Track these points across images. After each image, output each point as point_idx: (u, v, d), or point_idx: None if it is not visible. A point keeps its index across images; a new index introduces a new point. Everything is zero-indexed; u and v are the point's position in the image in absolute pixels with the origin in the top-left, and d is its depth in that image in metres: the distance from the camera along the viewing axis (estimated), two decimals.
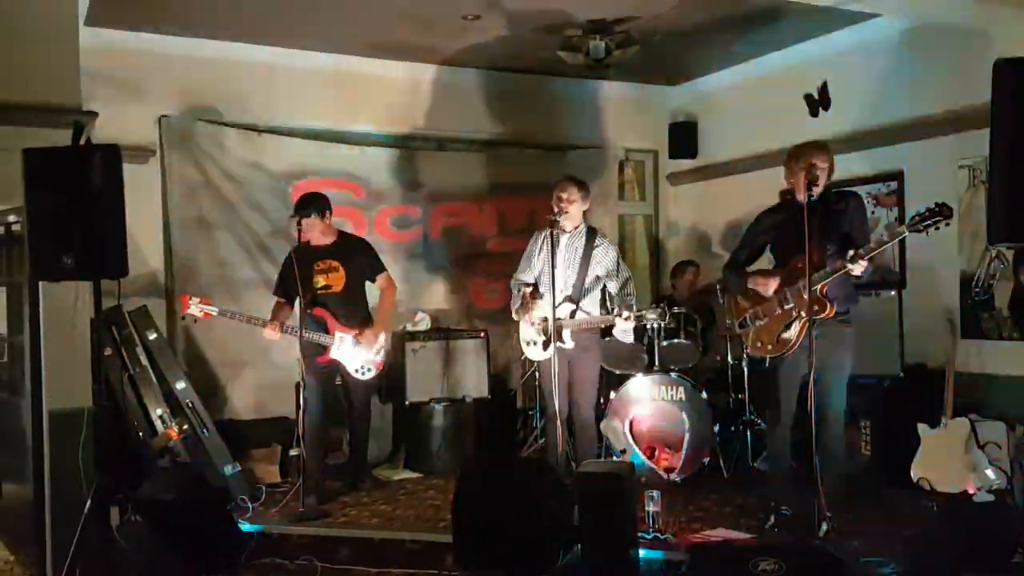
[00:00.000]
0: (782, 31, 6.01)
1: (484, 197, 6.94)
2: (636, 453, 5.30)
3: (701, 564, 3.84)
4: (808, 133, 6.08)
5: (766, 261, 4.58)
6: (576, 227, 4.98)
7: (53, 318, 4.36)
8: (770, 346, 4.30)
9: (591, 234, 5.01)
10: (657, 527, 4.27)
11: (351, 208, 6.36)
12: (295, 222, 4.94)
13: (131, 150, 5.44)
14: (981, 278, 5.22)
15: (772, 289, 4.29)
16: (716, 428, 5.34)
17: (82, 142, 3.58)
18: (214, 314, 5.06)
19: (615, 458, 5.25)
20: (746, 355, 5.51)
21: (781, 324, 4.25)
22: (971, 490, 4.47)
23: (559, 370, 4.67)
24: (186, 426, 5.10)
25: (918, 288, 5.51)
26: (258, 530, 4.58)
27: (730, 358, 5.84)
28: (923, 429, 4.83)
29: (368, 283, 5.33)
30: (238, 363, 6.02)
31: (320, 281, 5.14)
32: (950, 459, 4.65)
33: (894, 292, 5.37)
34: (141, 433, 5.04)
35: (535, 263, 5.05)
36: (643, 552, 3.99)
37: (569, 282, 4.93)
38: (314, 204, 5.07)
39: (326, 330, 5.11)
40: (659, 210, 7.76)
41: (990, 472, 4.59)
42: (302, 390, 5.03)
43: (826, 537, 3.93)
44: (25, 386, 4.57)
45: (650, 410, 5.36)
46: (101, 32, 5.46)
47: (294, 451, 5.56)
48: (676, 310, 5.76)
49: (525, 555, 3.74)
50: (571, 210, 4.89)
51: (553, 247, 4.71)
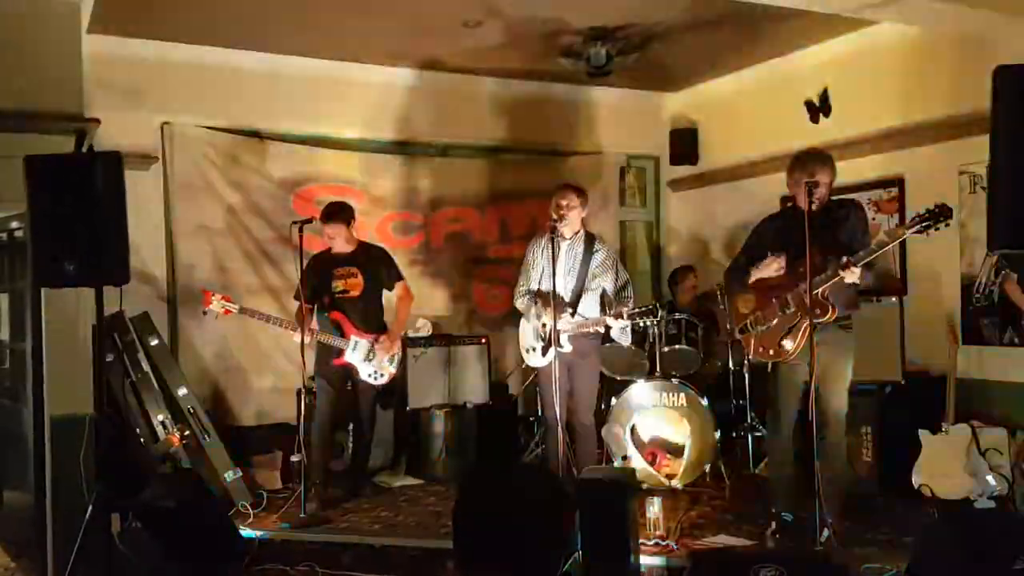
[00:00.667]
0: (782, 38, 6.02)
1: (485, 203, 6.96)
2: (637, 459, 5.29)
3: (702, 571, 3.82)
4: (808, 139, 6.11)
5: None
6: (576, 233, 4.99)
7: (55, 324, 4.38)
8: (771, 352, 4.30)
9: (590, 240, 5.02)
10: (658, 534, 4.27)
11: (353, 208, 6.36)
12: (296, 228, 4.95)
13: (133, 157, 5.49)
14: (982, 284, 5.22)
15: (775, 267, 4.22)
16: (717, 434, 5.33)
17: (84, 149, 3.59)
18: (235, 311, 5.13)
19: (616, 464, 5.24)
20: (747, 361, 5.51)
21: (783, 329, 4.24)
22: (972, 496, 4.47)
23: (558, 376, 4.68)
24: (187, 432, 5.11)
25: (919, 294, 5.51)
26: (259, 536, 4.58)
27: (731, 364, 5.84)
28: (924, 435, 4.82)
29: (385, 291, 5.44)
30: (239, 369, 6.05)
31: (339, 286, 5.25)
32: (951, 465, 4.65)
33: (895, 298, 5.37)
34: (143, 439, 5.05)
35: (532, 274, 5.06)
36: (644, 559, 3.99)
37: (568, 287, 4.94)
38: (341, 213, 5.25)
39: (342, 334, 5.18)
40: (660, 216, 7.78)
41: (991, 478, 4.58)
42: (304, 396, 5.04)
43: (827, 544, 3.93)
44: (27, 392, 4.58)
45: (651, 416, 5.36)
46: (104, 40, 5.47)
47: (295, 457, 5.57)
48: (677, 316, 5.77)
49: (526, 562, 3.74)
50: (570, 217, 4.89)
51: (554, 253, 4.72)
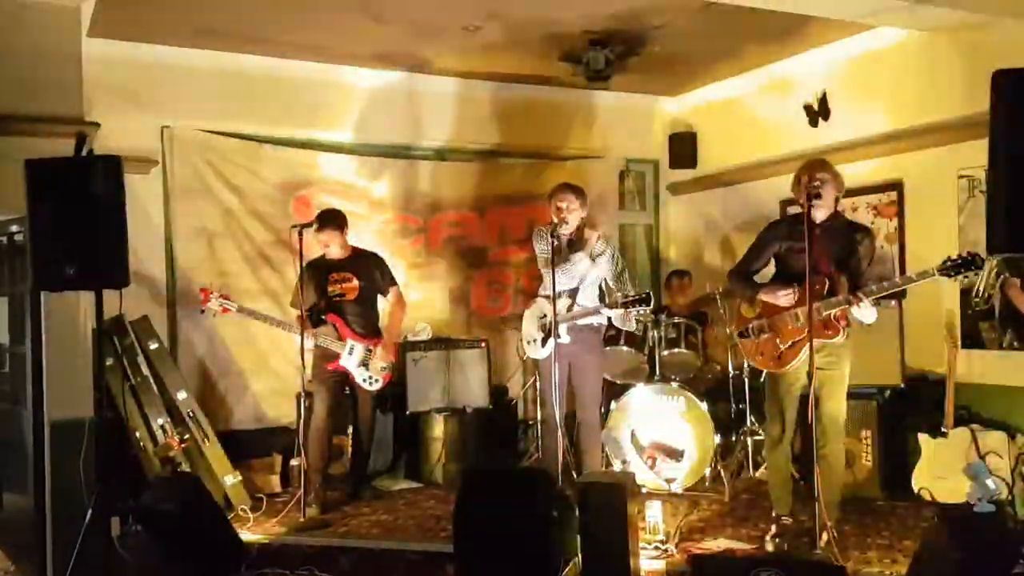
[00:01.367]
0: (781, 42, 6.02)
1: (485, 207, 6.96)
2: (637, 463, 5.29)
3: (702, 574, 3.83)
4: (807, 143, 6.14)
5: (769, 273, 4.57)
6: (576, 232, 4.99)
7: (55, 328, 4.37)
8: (771, 361, 4.29)
9: (589, 238, 5.02)
10: (658, 538, 4.27)
11: (352, 218, 6.36)
12: (295, 232, 4.97)
13: (133, 160, 5.47)
14: (981, 288, 5.22)
15: (784, 299, 4.21)
16: (717, 438, 5.33)
17: (84, 153, 3.58)
18: (233, 310, 5.15)
19: (616, 468, 5.24)
20: (747, 365, 5.51)
21: (787, 341, 4.22)
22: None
23: (559, 372, 4.68)
24: (187, 436, 5.11)
25: (918, 298, 5.51)
26: (259, 540, 4.58)
27: (731, 368, 5.84)
28: (924, 439, 4.83)
29: (380, 297, 5.47)
30: (239, 373, 6.04)
31: (335, 289, 5.28)
32: (951, 469, 4.65)
33: (895, 302, 5.37)
34: (142, 443, 5.05)
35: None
36: (644, 563, 3.98)
37: (569, 285, 4.95)
38: (334, 220, 5.28)
39: (338, 336, 5.20)
40: (659, 220, 7.78)
41: (991, 482, 4.58)
42: (303, 400, 5.05)
43: (827, 547, 3.92)
44: (27, 396, 4.57)
45: (651, 420, 5.36)
46: (104, 43, 5.47)
47: (294, 461, 5.57)
48: (676, 320, 5.76)
49: (526, 565, 3.74)
50: (571, 219, 4.90)
51: (554, 254, 4.72)
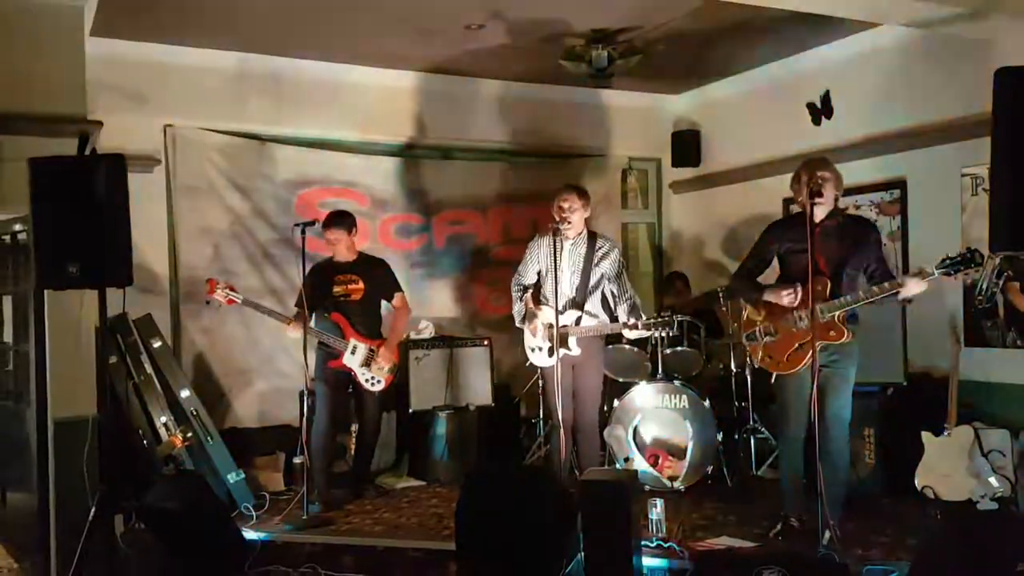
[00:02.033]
0: (784, 40, 6.02)
1: (488, 205, 6.97)
2: (639, 461, 5.29)
3: (705, 572, 3.83)
4: (810, 141, 6.13)
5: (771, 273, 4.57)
6: (579, 234, 5.00)
7: (58, 327, 4.39)
8: (780, 363, 4.28)
9: (592, 239, 5.03)
10: (660, 535, 4.27)
11: (355, 217, 6.37)
12: (298, 230, 4.97)
13: (136, 159, 5.49)
14: (984, 286, 5.21)
15: (787, 299, 4.20)
16: (720, 436, 5.33)
17: (88, 152, 3.60)
18: (238, 301, 5.19)
19: (618, 466, 5.24)
20: (749, 364, 5.51)
21: (794, 344, 4.21)
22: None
23: (563, 377, 4.68)
24: (190, 434, 5.11)
25: (921, 296, 5.50)
26: (262, 538, 4.59)
27: (733, 366, 5.84)
28: (927, 437, 4.82)
29: (384, 302, 5.50)
30: (242, 371, 6.05)
31: (340, 290, 5.31)
32: (954, 467, 4.64)
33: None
34: (145, 441, 5.06)
35: (530, 268, 5.09)
36: (646, 561, 3.98)
37: (573, 287, 4.96)
38: (343, 220, 5.32)
39: (342, 335, 5.23)
40: (662, 218, 7.78)
41: (994, 480, 4.58)
42: (306, 398, 5.05)
43: (830, 545, 3.92)
44: (30, 394, 4.59)
45: (654, 418, 5.36)
46: (107, 42, 5.47)
47: (298, 459, 5.58)
48: (680, 318, 5.76)
49: (528, 564, 3.74)
50: (573, 219, 4.90)
51: (556, 255, 4.72)
